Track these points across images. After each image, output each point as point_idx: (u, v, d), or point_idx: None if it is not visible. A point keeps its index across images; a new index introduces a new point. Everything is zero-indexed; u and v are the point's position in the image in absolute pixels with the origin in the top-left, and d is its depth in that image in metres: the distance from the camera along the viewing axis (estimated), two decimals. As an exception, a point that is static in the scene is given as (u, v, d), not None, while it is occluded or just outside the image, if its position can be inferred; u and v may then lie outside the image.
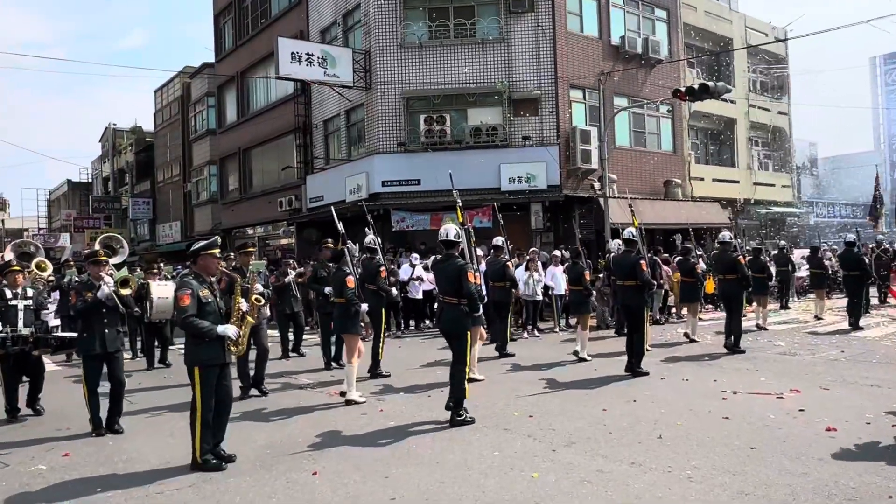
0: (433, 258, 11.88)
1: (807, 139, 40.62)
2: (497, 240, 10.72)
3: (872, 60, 57.81)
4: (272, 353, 9.54)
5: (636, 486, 4.61)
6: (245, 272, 7.86)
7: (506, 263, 10.40)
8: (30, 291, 7.53)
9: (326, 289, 9.23)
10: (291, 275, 11.54)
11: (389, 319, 12.13)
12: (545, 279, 13.64)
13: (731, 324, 10.33)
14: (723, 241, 11.01)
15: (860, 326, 12.26)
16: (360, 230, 9.50)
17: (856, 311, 12.46)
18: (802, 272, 18.54)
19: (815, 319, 14.03)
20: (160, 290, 9.10)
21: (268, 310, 9.49)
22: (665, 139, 21.73)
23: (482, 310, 6.98)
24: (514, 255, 12.57)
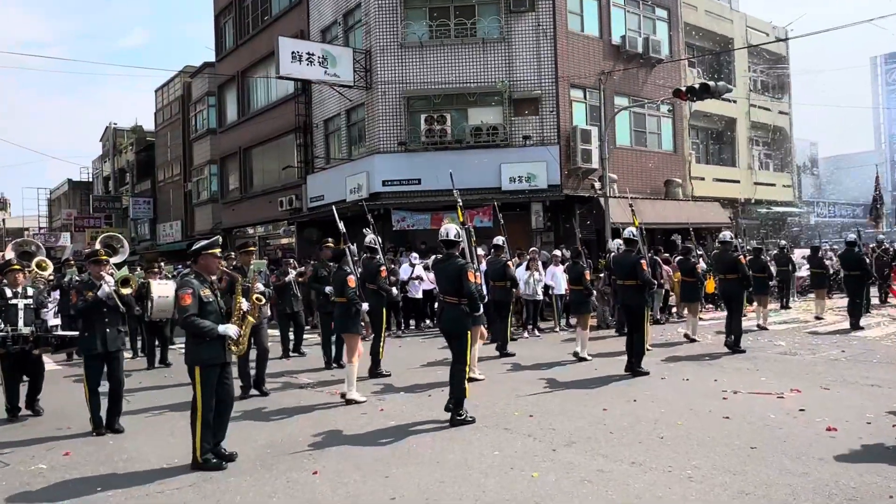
0: (433, 258, 11.88)
1: (807, 139, 40.67)
2: (497, 239, 10.72)
3: (873, 60, 57.84)
4: (273, 353, 9.54)
5: (636, 486, 4.61)
6: (246, 271, 7.87)
7: (506, 263, 10.41)
8: (30, 291, 7.53)
9: (327, 288, 9.24)
10: (292, 274, 11.55)
11: (390, 319, 12.12)
12: (545, 279, 13.64)
13: (732, 323, 10.33)
14: (723, 241, 11.01)
15: (861, 326, 12.26)
16: (361, 230, 9.50)
17: (856, 312, 12.45)
18: (803, 272, 18.55)
19: (816, 319, 14.03)
20: (161, 290, 9.09)
21: (268, 309, 9.49)
22: (666, 139, 21.73)
23: (483, 309, 6.98)
24: (515, 255, 12.59)
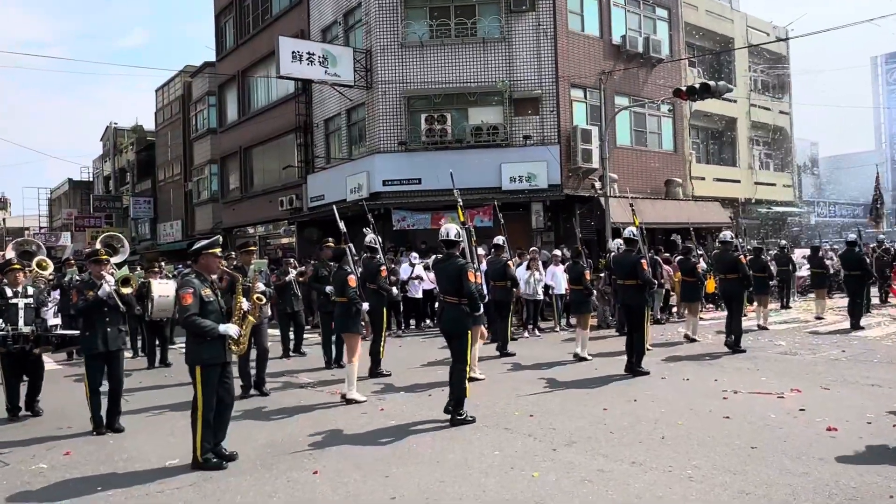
0: (434, 257, 11.87)
1: (808, 139, 40.64)
2: (498, 239, 10.72)
3: (873, 60, 57.79)
4: (273, 353, 9.55)
5: (637, 486, 4.61)
6: (246, 271, 7.87)
7: (507, 263, 10.41)
8: (30, 290, 7.53)
9: (328, 288, 9.24)
10: (292, 274, 11.55)
11: (390, 319, 12.12)
12: (545, 278, 13.64)
13: (732, 323, 10.33)
14: (724, 241, 11.01)
15: (861, 326, 12.26)
16: (361, 229, 9.50)
17: (857, 312, 12.45)
18: (803, 272, 18.55)
19: (816, 319, 14.03)
20: (161, 289, 9.11)
21: (269, 309, 9.49)
22: (666, 138, 21.72)
23: (483, 309, 6.98)
24: (516, 255, 12.58)
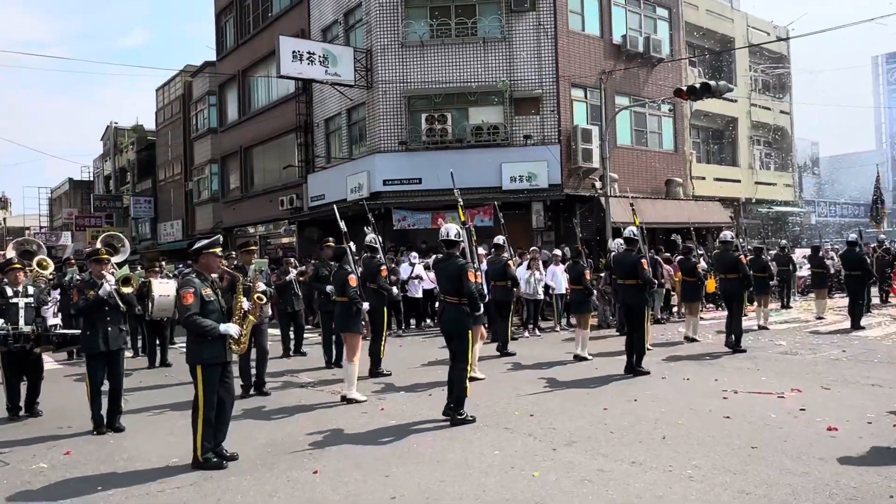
0: (434, 257, 11.87)
1: (808, 138, 40.62)
2: (498, 239, 10.71)
3: (874, 59, 57.78)
4: (274, 352, 9.56)
5: (637, 486, 4.61)
6: (247, 271, 7.86)
7: (507, 262, 10.41)
8: (31, 289, 7.53)
9: (328, 287, 9.24)
10: (293, 273, 11.55)
11: (390, 319, 12.12)
12: (545, 278, 13.64)
13: (733, 323, 10.33)
14: (724, 241, 11.00)
15: (861, 326, 12.26)
16: (362, 229, 9.49)
17: (857, 312, 12.45)
18: (804, 272, 18.54)
19: (817, 319, 14.03)
20: (161, 288, 9.11)
21: (269, 309, 9.49)
22: (666, 138, 21.71)
23: (483, 309, 6.98)
24: (516, 255, 12.57)
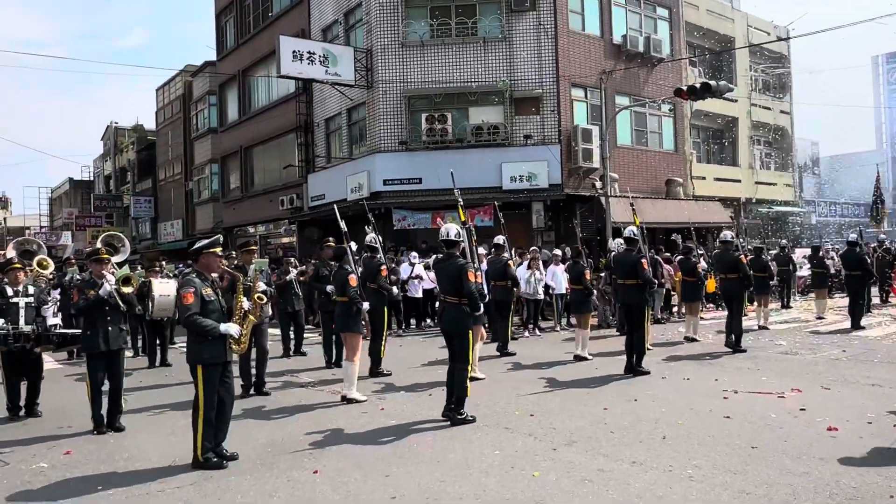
0: (434, 257, 11.87)
1: (808, 138, 40.61)
2: (498, 238, 10.71)
3: (874, 59, 57.76)
4: (274, 352, 9.55)
5: (637, 486, 4.61)
6: (247, 270, 7.86)
7: (507, 262, 10.41)
8: (31, 289, 7.53)
9: (328, 287, 9.24)
10: (293, 273, 11.55)
11: (390, 318, 12.12)
12: (546, 278, 13.64)
13: (733, 323, 10.33)
14: (724, 241, 11.00)
15: (862, 326, 12.26)
16: (362, 229, 9.49)
17: (857, 312, 12.45)
18: (804, 271, 18.54)
19: (817, 319, 14.03)
20: (162, 288, 9.11)
21: (269, 309, 9.48)
22: (667, 138, 21.71)
23: (483, 309, 6.98)
24: (517, 254, 12.57)
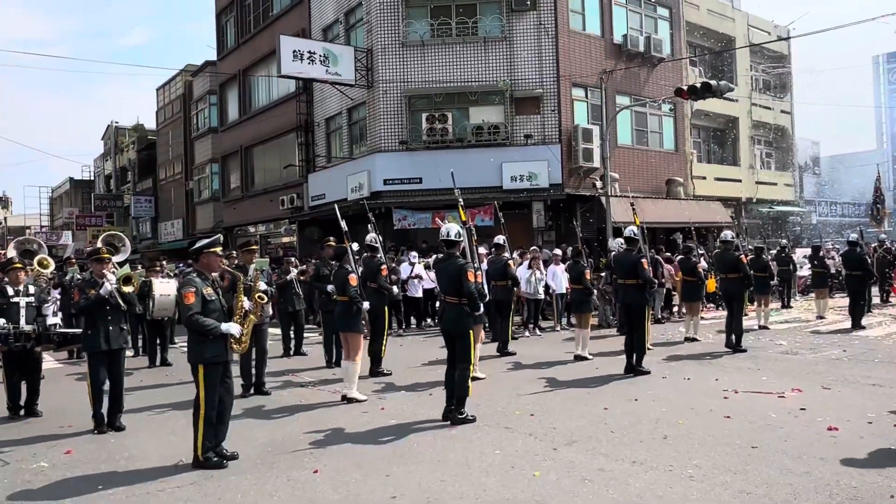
0: (434, 257, 11.87)
1: (809, 138, 40.53)
2: (498, 238, 10.71)
3: (875, 59, 57.68)
4: (275, 352, 9.54)
5: (637, 485, 4.61)
6: (248, 270, 7.86)
7: (507, 262, 10.41)
8: (31, 289, 7.53)
9: (329, 287, 9.24)
10: (294, 272, 11.54)
11: (391, 318, 12.12)
12: (546, 278, 13.63)
13: (733, 323, 10.33)
14: (725, 241, 11.00)
15: (862, 326, 12.26)
16: (362, 228, 9.50)
17: (858, 312, 12.44)
18: (804, 271, 18.53)
19: (818, 319, 14.03)
20: (162, 288, 9.14)
21: (270, 309, 9.48)
22: (667, 138, 21.71)
23: (483, 308, 6.97)
24: (517, 254, 12.56)
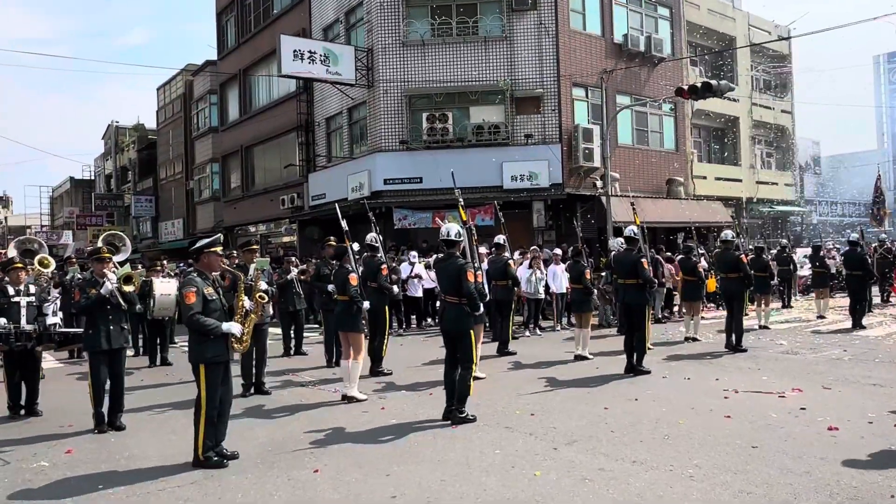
0: (434, 257, 11.87)
1: (810, 138, 40.50)
2: (499, 238, 10.71)
3: (876, 59, 57.64)
4: (276, 351, 9.54)
5: (637, 485, 4.61)
6: (248, 270, 7.86)
7: (508, 262, 10.41)
8: (32, 288, 7.53)
9: (330, 286, 9.24)
10: (294, 272, 11.54)
11: (391, 318, 12.13)
12: (546, 277, 13.62)
13: (733, 322, 10.33)
14: (725, 240, 11.00)
15: (863, 325, 12.26)
16: (363, 228, 9.51)
17: (860, 312, 12.44)
18: (805, 271, 18.53)
19: (818, 318, 14.03)
20: (163, 288, 9.16)
21: (271, 308, 9.49)
22: (667, 137, 21.70)
23: (484, 308, 6.97)
24: (518, 253, 12.55)
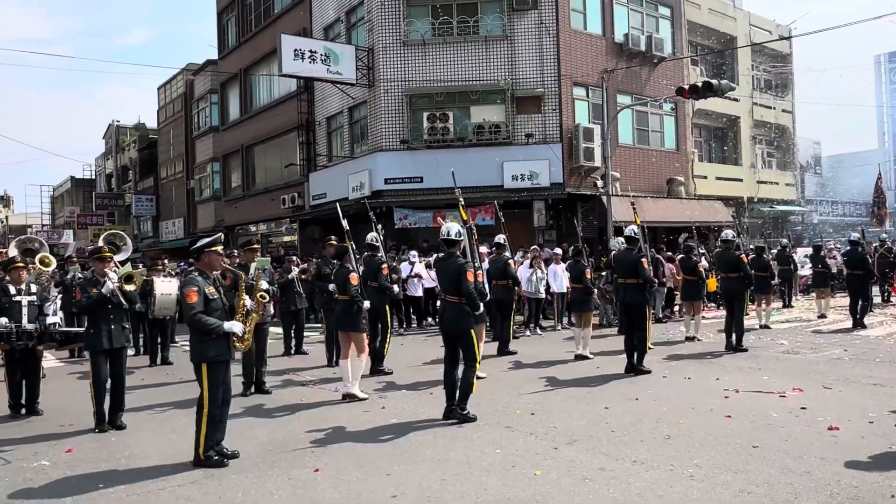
0: (434, 256, 11.87)
1: (810, 137, 40.50)
2: (499, 237, 10.71)
3: (877, 58, 57.64)
4: (276, 350, 9.54)
5: (638, 485, 4.61)
6: (249, 269, 7.86)
7: (508, 261, 10.41)
8: (33, 287, 7.54)
9: (330, 286, 9.24)
10: (295, 271, 11.55)
11: (392, 317, 12.13)
12: (546, 277, 13.62)
13: (734, 322, 10.32)
14: (726, 240, 11.00)
15: (864, 325, 12.25)
16: (363, 228, 9.51)
17: (862, 312, 12.43)
18: (805, 271, 18.52)
19: (819, 318, 14.02)
20: (164, 287, 9.17)
21: (272, 308, 9.49)
22: (668, 137, 21.70)
23: (484, 308, 6.96)
24: (519, 252, 12.55)
